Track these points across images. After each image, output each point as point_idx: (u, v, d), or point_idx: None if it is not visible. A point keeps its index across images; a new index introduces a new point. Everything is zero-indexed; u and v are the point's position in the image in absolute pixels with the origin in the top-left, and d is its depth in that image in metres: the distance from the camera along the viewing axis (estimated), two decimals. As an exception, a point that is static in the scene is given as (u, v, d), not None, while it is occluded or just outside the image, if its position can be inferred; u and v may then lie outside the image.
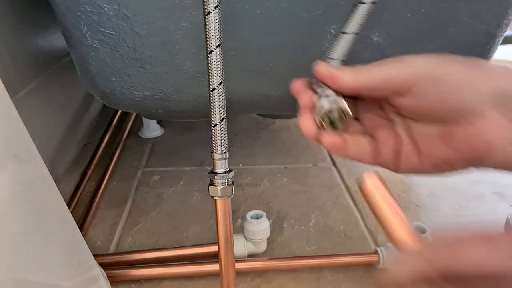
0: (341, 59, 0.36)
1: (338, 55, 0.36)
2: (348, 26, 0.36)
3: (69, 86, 0.88)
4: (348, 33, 0.36)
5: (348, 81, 0.30)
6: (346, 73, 0.30)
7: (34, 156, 0.42)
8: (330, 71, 0.30)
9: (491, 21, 0.48)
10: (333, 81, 0.30)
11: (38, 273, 0.40)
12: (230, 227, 0.44)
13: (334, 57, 0.36)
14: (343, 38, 0.36)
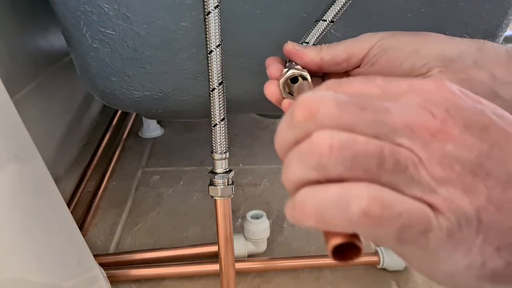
0: (312, 43, 0.38)
1: (310, 39, 0.38)
2: (328, 14, 0.38)
3: (69, 86, 0.88)
4: (325, 20, 0.38)
5: (313, 56, 0.34)
6: (311, 50, 0.34)
7: (34, 156, 0.42)
8: (296, 48, 0.35)
9: (491, 21, 0.48)
10: (299, 57, 0.34)
11: (38, 273, 0.40)
12: (230, 227, 0.44)
13: (306, 41, 0.38)
14: (318, 25, 0.38)
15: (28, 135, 0.42)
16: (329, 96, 0.19)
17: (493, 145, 0.18)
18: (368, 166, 0.18)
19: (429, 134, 0.18)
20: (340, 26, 0.47)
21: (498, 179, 0.18)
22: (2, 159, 0.37)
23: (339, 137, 0.18)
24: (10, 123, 0.40)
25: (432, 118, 0.18)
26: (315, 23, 0.38)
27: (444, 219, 0.18)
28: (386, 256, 0.59)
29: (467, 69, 0.31)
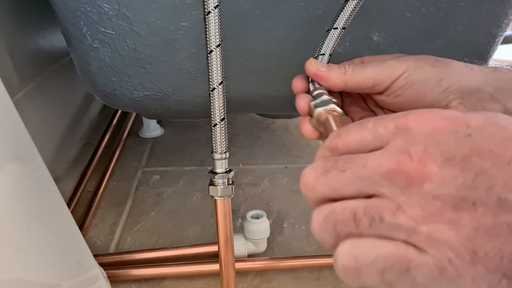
0: (329, 53, 0.38)
1: (326, 49, 0.38)
2: (338, 21, 0.37)
3: (69, 86, 0.88)
4: (337, 28, 0.37)
5: (336, 81, 0.34)
6: (335, 73, 0.34)
7: (34, 156, 0.42)
8: (321, 70, 0.35)
9: (491, 20, 0.48)
10: (323, 80, 0.34)
11: (38, 272, 0.40)
12: (230, 227, 0.44)
13: (323, 52, 0.38)
14: (332, 33, 0.37)
15: (28, 135, 0.42)
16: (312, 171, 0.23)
17: (478, 173, 0.19)
18: (348, 229, 0.21)
19: (406, 178, 0.20)
20: (340, 26, 0.47)
21: (487, 206, 0.18)
22: (2, 159, 0.37)
23: (322, 212, 0.22)
24: (10, 123, 0.40)
25: (409, 161, 0.20)
26: (327, 32, 0.37)
27: (428, 256, 0.19)
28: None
29: (483, 101, 0.33)
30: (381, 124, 0.22)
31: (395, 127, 0.21)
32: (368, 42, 0.48)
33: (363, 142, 0.22)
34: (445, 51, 0.50)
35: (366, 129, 0.22)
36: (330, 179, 0.22)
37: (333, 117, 0.30)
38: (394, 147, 0.21)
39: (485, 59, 0.52)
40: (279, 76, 0.51)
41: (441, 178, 0.19)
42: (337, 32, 0.37)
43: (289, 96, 0.53)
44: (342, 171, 0.22)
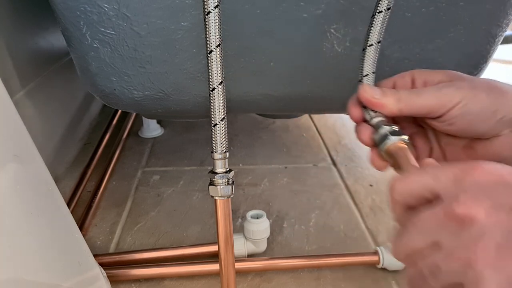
0: (372, 72, 0.37)
1: (368, 69, 0.37)
2: (371, 37, 0.37)
3: (69, 86, 0.88)
4: (372, 44, 0.37)
5: (392, 110, 0.34)
6: (389, 100, 0.34)
7: (34, 156, 0.42)
8: (375, 98, 0.34)
9: (491, 20, 0.48)
10: (378, 108, 0.35)
11: (38, 273, 0.40)
12: (230, 227, 0.44)
13: (366, 73, 0.37)
14: (369, 51, 0.37)
15: (28, 135, 0.42)
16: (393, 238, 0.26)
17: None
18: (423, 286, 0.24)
19: (457, 223, 0.22)
20: (340, 26, 0.47)
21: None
22: (2, 159, 0.37)
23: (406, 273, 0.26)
24: (10, 123, 0.40)
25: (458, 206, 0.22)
26: (363, 52, 0.37)
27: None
28: (386, 256, 0.59)
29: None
30: (442, 172, 0.25)
31: (455, 178, 0.24)
32: (368, 42, 0.48)
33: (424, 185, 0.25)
34: (445, 51, 0.50)
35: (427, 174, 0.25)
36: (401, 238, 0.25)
37: (402, 150, 0.32)
38: (449, 196, 0.23)
39: (485, 59, 0.52)
40: (279, 76, 0.51)
41: (487, 221, 0.21)
42: (373, 48, 0.37)
43: (289, 96, 0.53)
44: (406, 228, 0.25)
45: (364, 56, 0.37)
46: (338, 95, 0.54)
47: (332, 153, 0.96)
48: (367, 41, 0.37)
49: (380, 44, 0.37)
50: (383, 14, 0.36)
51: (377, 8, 0.36)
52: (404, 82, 0.37)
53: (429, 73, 0.36)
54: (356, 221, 0.72)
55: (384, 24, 0.36)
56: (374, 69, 0.37)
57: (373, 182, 0.84)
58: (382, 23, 0.36)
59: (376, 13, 0.36)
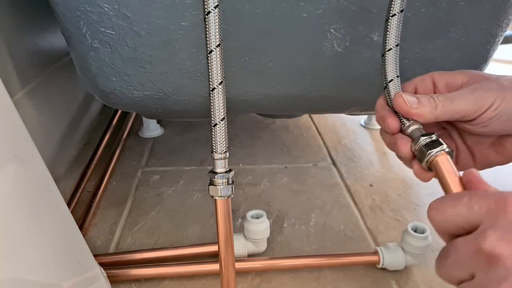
0: (396, 76, 0.37)
1: (393, 74, 0.37)
2: (389, 42, 0.37)
3: (69, 86, 0.88)
4: (391, 48, 0.37)
5: (429, 118, 0.34)
6: (426, 110, 0.33)
7: (34, 156, 0.42)
8: (413, 108, 0.34)
9: (491, 20, 0.48)
10: (415, 117, 0.34)
11: (37, 273, 0.40)
12: (230, 227, 0.44)
13: (390, 78, 0.37)
14: (388, 55, 0.37)
15: (28, 135, 0.42)
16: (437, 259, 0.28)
17: None
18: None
19: (486, 259, 0.23)
20: (340, 26, 0.47)
21: None
22: (2, 159, 0.37)
23: None
24: (10, 123, 0.40)
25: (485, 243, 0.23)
26: (383, 57, 0.37)
27: None
28: (386, 256, 0.59)
29: None
30: (476, 203, 0.25)
31: (488, 211, 0.25)
32: (368, 41, 0.48)
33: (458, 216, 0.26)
34: (445, 51, 0.50)
35: (461, 203, 0.26)
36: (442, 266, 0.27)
37: (443, 164, 0.31)
38: (480, 231, 0.24)
39: (485, 59, 0.52)
40: (279, 76, 0.51)
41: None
42: (393, 52, 0.37)
43: (289, 96, 0.53)
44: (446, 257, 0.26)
45: (384, 62, 0.37)
46: (338, 95, 0.54)
47: (332, 153, 0.96)
48: (385, 46, 0.37)
49: (398, 47, 0.37)
50: (397, 17, 0.36)
51: (390, 11, 0.36)
52: (425, 85, 0.36)
53: (450, 76, 0.36)
54: (356, 221, 0.72)
55: (400, 27, 0.36)
56: (398, 72, 0.37)
57: (373, 182, 0.84)
58: (397, 26, 0.36)
59: (389, 17, 0.36)
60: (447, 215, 0.27)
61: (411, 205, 0.77)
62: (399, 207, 0.76)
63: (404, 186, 0.83)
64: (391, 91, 0.36)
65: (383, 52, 0.37)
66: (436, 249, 0.65)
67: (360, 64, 0.50)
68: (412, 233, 0.57)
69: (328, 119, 1.13)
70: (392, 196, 0.79)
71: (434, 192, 0.81)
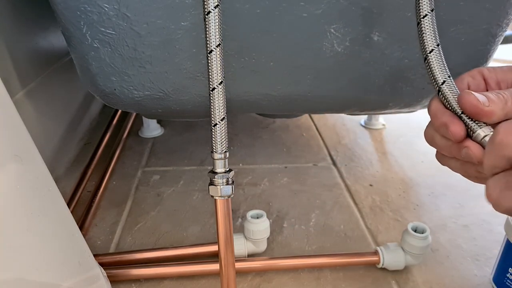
0: (448, 76, 0.35)
1: (443, 75, 0.35)
2: (428, 43, 0.35)
3: (69, 86, 0.88)
4: (433, 49, 0.35)
5: (500, 116, 0.31)
6: (497, 106, 0.31)
7: (34, 156, 0.42)
8: (485, 106, 0.31)
9: (491, 20, 0.48)
10: (487, 117, 0.31)
11: (38, 273, 0.40)
12: (230, 227, 0.44)
13: (442, 80, 0.34)
14: (433, 57, 0.35)
15: (28, 135, 0.42)
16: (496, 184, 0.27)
17: None
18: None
19: None
20: (340, 26, 0.47)
21: None
22: (2, 159, 0.37)
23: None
24: (10, 123, 0.40)
25: None
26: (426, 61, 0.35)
27: None
28: (386, 256, 0.59)
29: None
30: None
31: None
32: (368, 41, 0.48)
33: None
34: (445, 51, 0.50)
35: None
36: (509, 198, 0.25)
37: None
38: None
39: (485, 59, 0.52)
40: (279, 76, 0.51)
41: None
42: (436, 52, 0.35)
43: (289, 96, 0.53)
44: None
45: (430, 64, 0.35)
46: (338, 95, 0.54)
47: (332, 153, 0.96)
48: (425, 49, 0.35)
49: (440, 46, 0.35)
50: (429, 16, 0.35)
51: (419, 13, 0.35)
52: (477, 83, 0.34)
53: (500, 72, 0.34)
54: (356, 221, 0.72)
55: (435, 25, 0.35)
56: (448, 72, 0.35)
57: (373, 182, 0.84)
58: (432, 25, 0.35)
59: (421, 19, 0.35)
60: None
61: (411, 205, 0.77)
62: (399, 207, 0.76)
63: (404, 186, 0.83)
64: (447, 92, 0.33)
65: (425, 55, 0.35)
66: (436, 249, 0.65)
67: (360, 64, 0.50)
68: (412, 233, 0.57)
69: (328, 119, 1.13)
70: (392, 196, 0.79)
71: (434, 192, 0.81)
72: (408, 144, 1.00)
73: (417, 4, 0.35)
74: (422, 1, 0.35)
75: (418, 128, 1.07)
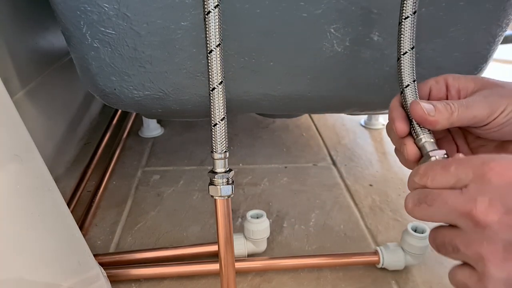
0: (413, 80, 0.37)
1: (409, 78, 0.37)
2: (403, 45, 0.36)
3: (69, 86, 0.88)
4: (406, 52, 0.36)
5: (445, 125, 0.34)
6: (442, 117, 0.34)
7: (34, 156, 0.42)
8: (430, 115, 0.34)
9: (491, 20, 0.48)
10: (430, 125, 0.34)
11: (38, 273, 0.40)
12: (230, 227, 0.44)
13: (407, 83, 0.37)
14: (404, 59, 0.37)
15: (28, 135, 0.42)
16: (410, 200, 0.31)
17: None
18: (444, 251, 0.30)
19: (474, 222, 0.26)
20: (340, 26, 0.47)
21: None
22: (2, 159, 0.37)
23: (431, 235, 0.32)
24: (10, 123, 0.40)
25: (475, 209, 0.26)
26: (399, 61, 0.37)
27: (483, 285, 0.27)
28: (386, 256, 0.59)
29: None
30: (463, 171, 0.28)
31: (473, 175, 0.27)
32: (368, 41, 0.48)
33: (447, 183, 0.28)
34: (445, 51, 0.50)
35: (449, 172, 0.28)
36: (422, 209, 0.29)
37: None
38: (468, 193, 0.27)
39: (485, 59, 0.52)
40: (279, 76, 0.51)
41: (499, 226, 0.25)
42: (409, 56, 0.36)
43: (289, 96, 0.53)
44: (430, 205, 0.29)
45: (400, 66, 0.37)
46: (338, 95, 0.54)
47: (332, 153, 0.96)
48: (400, 49, 0.36)
49: (414, 49, 0.36)
50: (410, 19, 0.36)
51: (402, 13, 0.36)
52: (439, 88, 0.37)
53: (463, 80, 0.36)
54: (356, 221, 0.72)
55: (414, 29, 0.36)
56: (414, 76, 0.37)
57: (373, 182, 0.84)
58: (411, 28, 0.36)
59: (402, 20, 0.36)
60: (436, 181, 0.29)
61: (411, 205, 0.77)
62: (399, 207, 0.76)
63: (404, 186, 0.83)
64: (408, 96, 0.36)
65: (398, 56, 0.37)
66: (436, 249, 0.65)
67: (360, 64, 0.50)
68: (412, 233, 0.57)
69: (328, 119, 1.13)
70: (392, 196, 0.79)
71: (434, 192, 0.81)
72: (408, 144, 1.00)
73: (402, 4, 0.36)
74: (408, 3, 0.36)
75: (418, 128, 1.07)
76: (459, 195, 0.27)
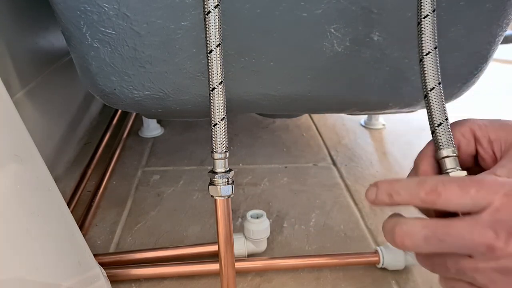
0: (438, 82, 0.34)
1: (435, 80, 0.34)
2: (426, 45, 0.34)
3: (69, 86, 0.89)
4: (430, 51, 0.34)
5: None
6: None
7: (34, 156, 0.42)
8: None
9: (491, 20, 0.48)
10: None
11: (38, 272, 0.40)
12: (230, 227, 0.44)
13: (432, 85, 0.34)
14: (427, 59, 0.34)
15: (28, 135, 0.42)
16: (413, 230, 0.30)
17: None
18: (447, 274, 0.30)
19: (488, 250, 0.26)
20: (340, 26, 0.47)
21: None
22: (2, 159, 0.37)
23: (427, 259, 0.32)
24: (10, 123, 0.40)
25: (494, 238, 0.25)
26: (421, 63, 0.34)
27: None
28: (386, 256, 0.59)
29: None
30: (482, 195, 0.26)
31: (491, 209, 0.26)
32: (368, 41, 0.48)
33: (463, 206, 0.27)
34: (445, 51, 0.50)
35: (468, 195, 0.27)
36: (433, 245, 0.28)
37: None
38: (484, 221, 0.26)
39: (485, 59, 0.52)
40: (279, 76, 0.51)
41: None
42: (432, 56, 0.34)
43: (289, 96, 0.53)
44: (441, 240, 0.27)
45: (424, 67, 0.34)
46: (338, 95, 0.54)
47: (332, 153, 0.96)
48: (422, 50, 0.34)
49: (437, 49, 0.34)
50: (430, 17, 0.34)
51: (421, 13, 0.34)
52: (467, 142, 0.34)
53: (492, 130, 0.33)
54: (356, 221, 0.72)
55: (435, 27, 0.34)
56: (439, 79, 0.34)
57: (373, 182, 0.84)
58: (432, 27, 0.34)
59: (421, 19, 0.34)
60: (451, 203, 0.27)
61: (411, 205, 0.77)
62: (399, 207, 0.76)
63: (404, 186, 0.83)
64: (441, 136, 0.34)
65: (421, 57, 0.34)
66: (436, 249, 0.65)
67: (360, 64, 0.50)
68: (412, 233, 0.57)
69: (328, 119, 1.13)
70: (392, 196, 0.79)
71: (434, 192, 0.81)
72: (408, 144, 1.00)
73: (419, 4, 0.35)
74: (425, 2, 0.34)
75: (418, 128, 1.07)
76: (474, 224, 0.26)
